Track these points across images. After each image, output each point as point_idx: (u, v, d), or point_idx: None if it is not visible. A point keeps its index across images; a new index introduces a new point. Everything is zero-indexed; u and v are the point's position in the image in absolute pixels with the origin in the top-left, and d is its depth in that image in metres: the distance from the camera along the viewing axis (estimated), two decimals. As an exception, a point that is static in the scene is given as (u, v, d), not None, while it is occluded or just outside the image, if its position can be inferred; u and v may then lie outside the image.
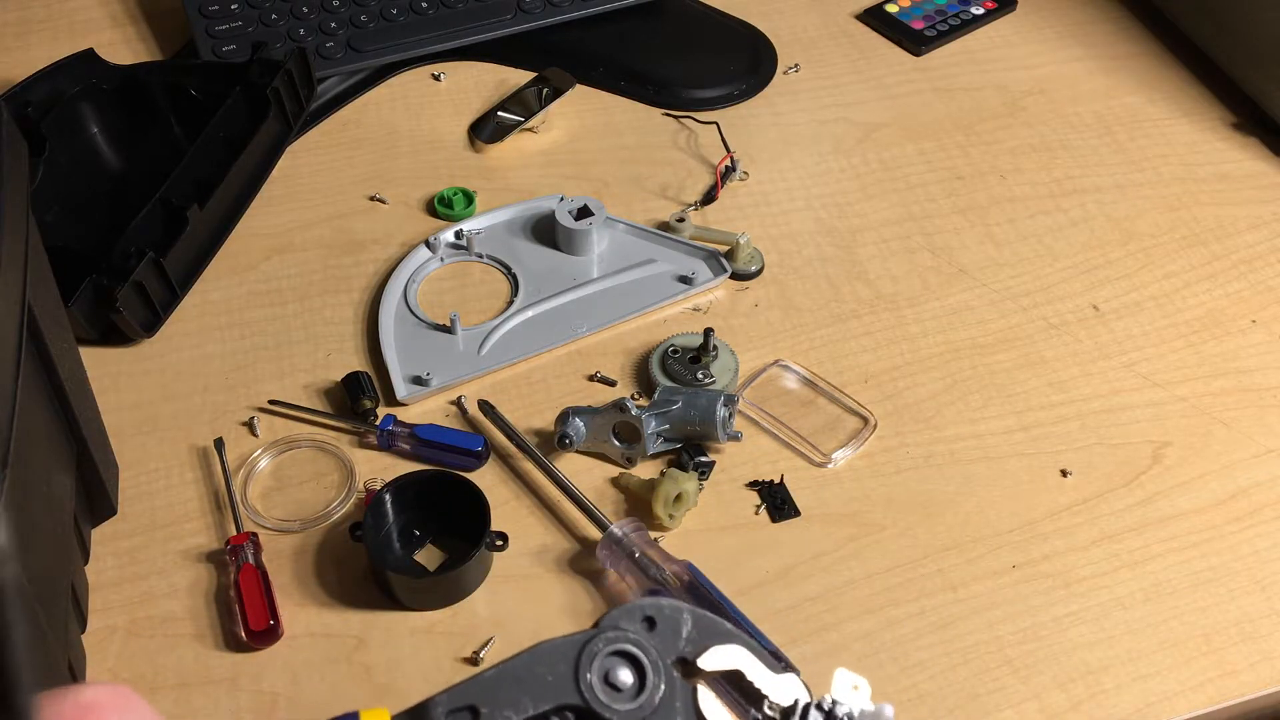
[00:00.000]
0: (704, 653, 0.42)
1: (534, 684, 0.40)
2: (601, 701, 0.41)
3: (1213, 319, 0.83)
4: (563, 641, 0.40)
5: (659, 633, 0.42)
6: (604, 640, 0.41)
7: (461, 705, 0.39)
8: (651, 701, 0.41)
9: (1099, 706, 0.63)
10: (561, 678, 0.40)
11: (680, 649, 0.42)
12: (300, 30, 0.99)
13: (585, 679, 0.40)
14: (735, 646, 0.43)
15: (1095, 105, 0.99)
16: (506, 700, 0.39)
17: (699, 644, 0.42)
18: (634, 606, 0.42)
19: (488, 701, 0.39)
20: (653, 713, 0.41)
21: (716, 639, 0.43)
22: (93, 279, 0.76)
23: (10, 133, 0.56)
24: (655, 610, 0.42)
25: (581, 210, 0.85)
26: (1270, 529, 0.71)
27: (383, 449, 0.74)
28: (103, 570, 0.68)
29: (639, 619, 0.42)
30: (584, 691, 0.40)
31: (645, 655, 0.41)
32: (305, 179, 0.92)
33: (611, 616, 0.42)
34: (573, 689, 0.40)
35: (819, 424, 0.76)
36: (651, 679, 0.41)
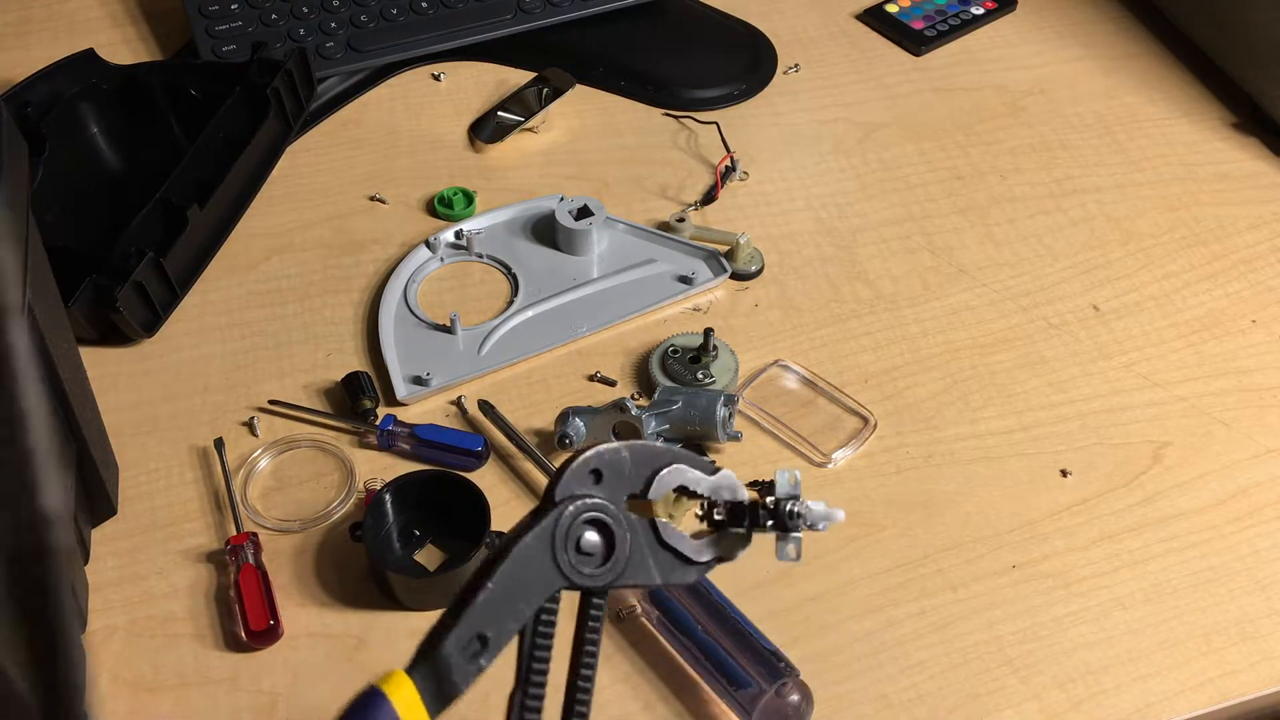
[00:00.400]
0: (650, 483, 0.43)
1: (524, 587, 0.40)
2: (582, 574, 0.41)
3: (1213, 319, 0.83)
4: (533, 536, 0.40)
5: (607, 481, 0.43)
6: (568, 517, 0.41)
7: (469, 637, 0.39)
8: (624, 554, 0.42)
9: (1099, 706, 0.63)
10: (543, 569, 0.41)
11: (628, 487, 0.43)
12: (300, 30, 0.99)
13: (564, 559, 0.41)
14: (674, 466, 0.44)
15: (1095, 105, 0.99)
16: (507, 614, 0.40)
17: (642, 476, 0.43)
18: (579, 465, 0.42)
19: (491, 623, 0.39)
20: (627, 564, 0.42)
21: (656, 463, 0.44)
22: (93, 279, 0.76)
23: (10, 133, 0.56)
24: (599, 461, 0.43)
25: (581, 210, 0.85)
26: (1270, 529, 0.71)
27: (383, 449, 0.74)
28: (103, 570, 0.68)
29: (587, 476, 0.42)
30: (566, 573, 0.41)
31: (607, 515, 0.42)
32: (305, 179, 0.92)
33: (563, 486, 0.42)
34: (556, 574, 0.41)
35: (819, 424, 0.76)
36: (618, 535, 0.42)
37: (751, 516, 0.45)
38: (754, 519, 0.45)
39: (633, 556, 0.43)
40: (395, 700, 0.38)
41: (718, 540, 0.46)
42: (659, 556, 0.44)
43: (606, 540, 0.42)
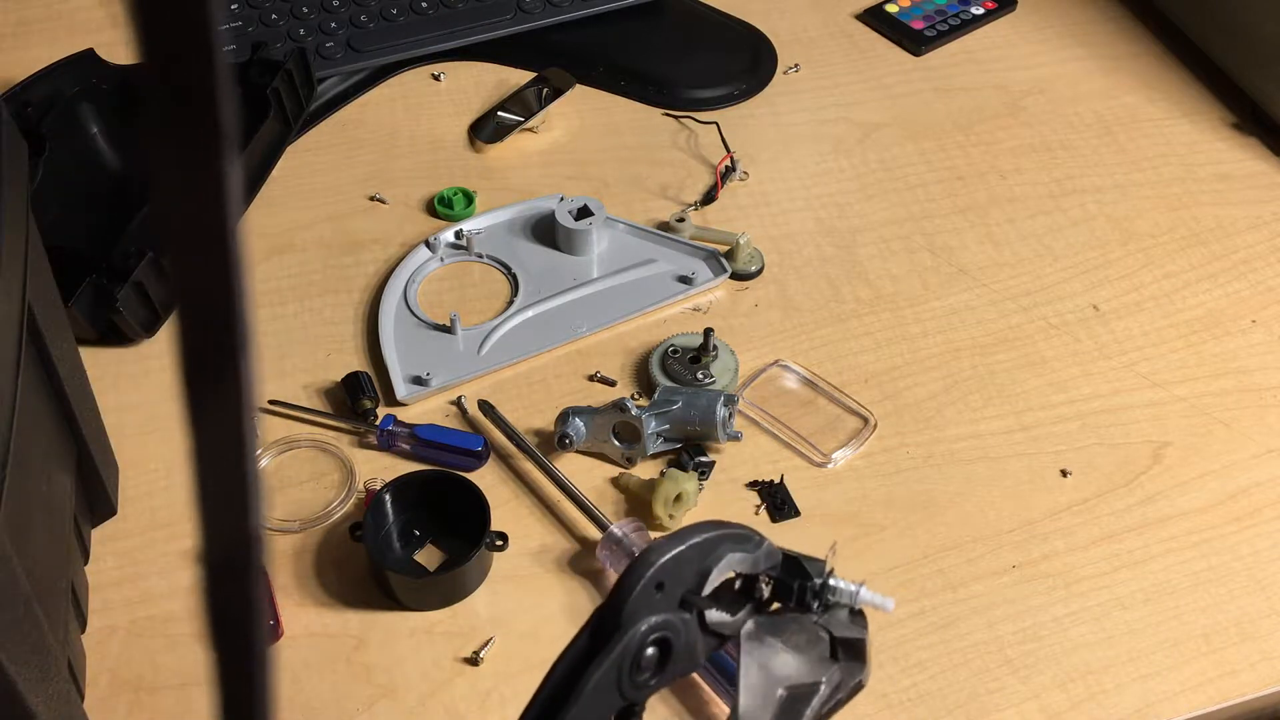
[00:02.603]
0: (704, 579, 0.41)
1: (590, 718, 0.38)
2: (637, 685, 0.39)
3: (1213, 319, 0.83)
4: (603, 670, 0.38)
5: (669, 586, 0.40)
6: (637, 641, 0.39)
7: None
8: (681, 654, 0.40)
9: (1099, 706, 0.63)
10: (609, 698, 0.38)
11: (686, 584, 0.40)
12: (300, 30, 0.99)
13: (625, 684, 0.39)
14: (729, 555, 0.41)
15: (1095, 105, 0.99)
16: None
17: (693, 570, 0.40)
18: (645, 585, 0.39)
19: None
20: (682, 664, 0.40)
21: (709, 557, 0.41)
22: (93, 279, 0.76)
23: (10, 133, 0.56)
24: (661, 572, 0.39)
25: (581, 210, 0.85)
26: (1270, 529, 0.71)
27: (383, 449, 0.74)
28: (103, 570, 0.68)
29: (651, 590, 0.39)
30: (626, 694, 0.39)
31: (670, 630, 0.39)
32: (305, 179, 0.92)
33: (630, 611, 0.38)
34: (617, 699, 0.39)
35: (819, 424, 0.76)
36: (676, 645, 0.40)
37: (800, 599, 0.43)
38: (801, 600, 0.43)
39: (684, 654, 0.40)
40: None
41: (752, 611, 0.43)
42: (705, 641, 0.41)
43: (664, 653, 0.40)
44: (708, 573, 0.40)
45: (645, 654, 0.39)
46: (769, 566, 0.42)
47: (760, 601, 0.42)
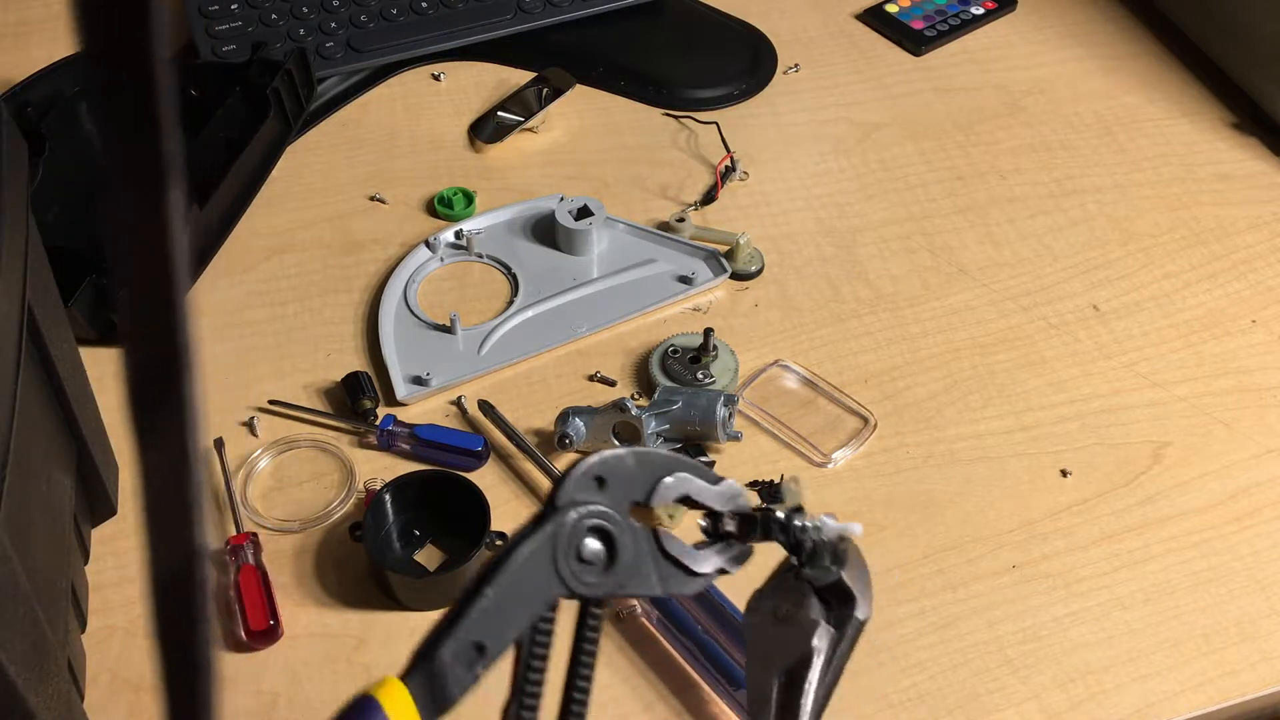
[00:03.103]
0: (654, 490, 0.42)
1: (523, 595, 0.39)
2: (583, 582, 0.40)
3: (1213, 319, 0.83)
4: (535, 543, 0.39)
5: (610, 487, 0.41)
6: (571, 524, 0.40)
7: (466, 645, 0.38)
8: (626, 563, 0.41)
9: (1099, 706, 0.63)
10: (543, 577, 0.39)
11: (631, 495, 0.42)
12: (300, 30, 0.99)
13: (564, 568, 0.40)
14: (679, 474, 0.43)
15: (1095, 105, 0.99)
16: (505, 622, 0.38)
17: (646, 483, 0.42)
18: (582, 472, 0.41)
19: (488, 631, 0.38)
20: (629, 573, 0.41)
21: (660, 471, 0.42)
22: (92, 279, 0.76)
23: (10, 132, 0.56)
24: (603, 467, 0.41)
25: (581, 210, 0.85)
26: (1270, 529, 0.71)
27: (383, 449, 0.74)
28: (103, 570, 0.68)
29: (590, 483, 0.41)
30: (567, 582, 0.40)
31: (610, 522, 0.41)
32: (305, 179, 0.92)
33: (565, 491, 0.40)
34: (556, 583, 0.40)
35: (819, 424, 0.76)
36: (621, 543, 0.41)
37: (764, 530, 0.44)
38: (766, 533, 0.44)
39: (635, 565, 0.42)
40: (388, 707, 0.37)
41: (721, 551, 0.44)
42: (661, 567, 0.43)
43: (609, 548, 0.41)
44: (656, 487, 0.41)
45: (586, 544, 0.40)
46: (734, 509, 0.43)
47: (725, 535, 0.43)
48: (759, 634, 0.44)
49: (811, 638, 0.43)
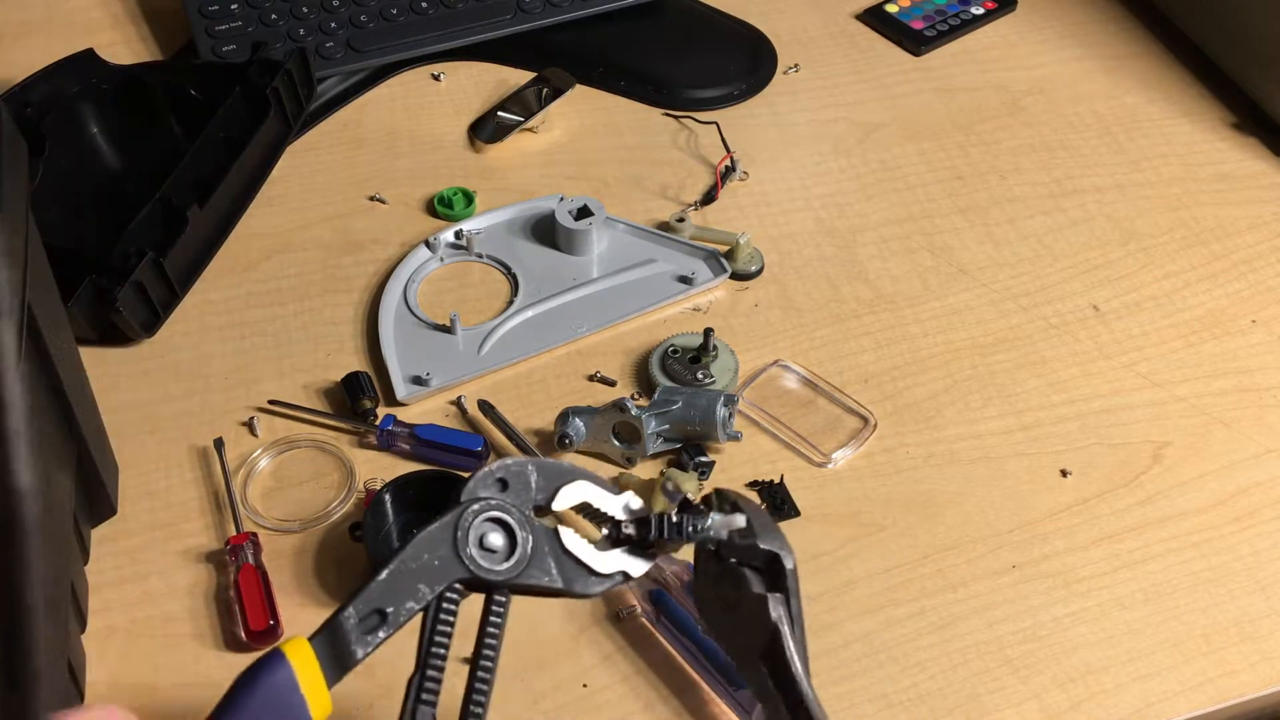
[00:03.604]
0: (555, 496, 0.47)
1: (424, 571, 0.43)
2: (483, 566, 0.44)
3: (1213, 319, 0.83)
4: (437, 527, 0.44)
5: (513, 490, 0.46)
6: (470, 514, 0.44)
7: (368, 611, 0.42)
8: (525, 554, 0.45)
9: (1099, 706, 0.63)
10: (445, 558, 0.43)
11: (534, 499, 0.46)
12: (300, 30, 0.99)
13: (465, 552, 0.44)
14: (579, 482, 0.47)
15: (1095, 105, 0.99)
16: (406, 593, 0.42)
17: (548, 489, 0.47)
18: (485, 473, 0.46)
19: (390, 600, 0.42)
20: (528, 563, 0.45)
21: (561, 479, 0.47)
22: (92, 279, 0.76)
23: (10, 133, 0.56)
24: (504, 471, 0.46)
25: (581, 210, 0.85)
26: (1270, 529, 0.71)
27: (383, 449, 0.74)
28: (103, 570, 0.68)
29: (493, 484, 0.46)
30: (467, 563, 0.44)
31: (509, 515, 0.45)
32: (305, 179, 0.92)
33: (469, 490, 0.45)
34: (458, 564, 0.44)
35: (819, 424, 0.76)
36: (520, 534, 0.45)
37: (659, 530, 0.47)
38: (661, 532, 0.47)
39: (534, 558, 0.45)
40: (294, 661, 0.40)
41: (625, 555, 0.47)
42: (562, 563, 0.46)
43: (509, 542, 0.45)
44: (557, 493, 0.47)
45: (488, 535, 0.45)
46: (633, 517, 0.47)
47: (626, 540, 0.47)
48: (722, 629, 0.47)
49: (768, 613, 0.45)
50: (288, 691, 0.40)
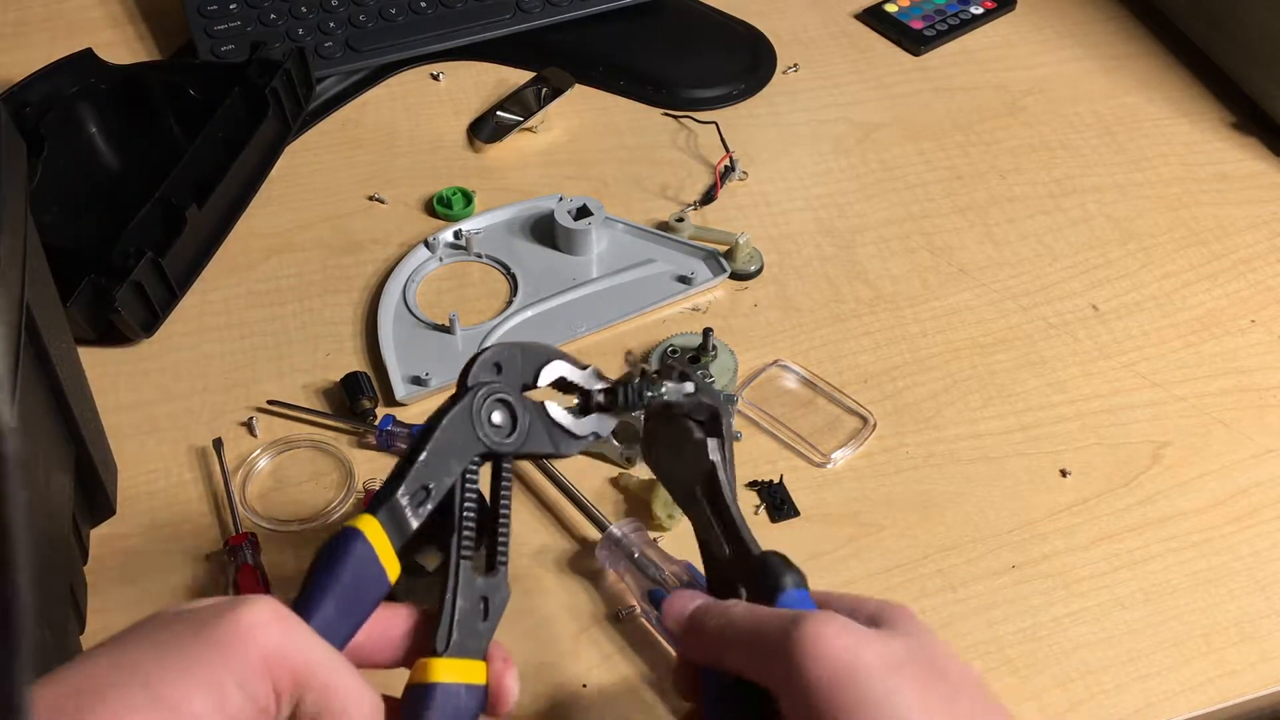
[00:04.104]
0: (538, 375, 0.54)
1: (453, 450, 0.50)
2: (495, 441, 0.51)
3: (1212, 319, 0.83)
4: (458, 411, 0.50)
5: (506, 372, 0.53)
6: (481, 397, 0.51)
7: (416, 488, 0.48)
8: (524, 427, 0.52)
9: (1099, 706, 0.63)
10: (467, 436, 0.50)
11: (522, 378, 0.54)
12: (299, 30, 0.99)
13: (481, 431, 0.51)
14: (555, 362, 0.54)
15: (1095, 105, 0.99)
16: (442, 470, 0.49)
17: (531, 370, 0.54)
18: (483, 360, 0.52)
19: (430, 477, 0.49)
20: (527, 435, 0.52)
21: (540, 360, 0.54)
22: (91, 279, 0.76)
23: (8, 132, 0.56)
24: (498, 356, 0.53)
25: (580, 210, 0.85)
26: (1270, 529, 0.71)
27: (382, 449, 0.74)
28: (102, 570, 0.68)
29: (490, 368, 0.53)
30: (483, 439, 0.51)
31: (509, 395, 0.52)
32: (304, 179, 0.92)
33: (474, 375, 0.52)
34: (476, 441, 0.50)
35: (818, 424, 0.76)
36: (519, 412, 0.52)
37: (625, 397, 0.55)
38: (627, 398, 0.55)
39: (531, 430, 0.53)
40: (369, 535, 0.46)
41: (593, 421, 0.55)
42: (552, 431, 0.54)
43: (510, 417, 0.52)
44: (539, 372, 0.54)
45: (493, 414, 0.51)
46: (600, 387, 0.55)
47: (596, 408, 0.55)
48: (666, 471, 0.55)
49: (707, 454, 0.54)
50: (370, 561, 0.46)
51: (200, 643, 0.39)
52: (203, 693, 0.38)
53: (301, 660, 0.40)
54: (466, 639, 0.47)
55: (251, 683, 0.39)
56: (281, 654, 0.40)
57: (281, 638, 0.40)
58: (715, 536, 0.52)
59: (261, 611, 0.40)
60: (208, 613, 0.40)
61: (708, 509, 0.52)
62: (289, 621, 0.41)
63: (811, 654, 0.42)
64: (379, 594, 0.46)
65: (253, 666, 0.39)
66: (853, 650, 0.42)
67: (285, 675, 0.40)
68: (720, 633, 0.46)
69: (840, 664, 0.42)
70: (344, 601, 0.44)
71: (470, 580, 0.49)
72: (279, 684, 0.40)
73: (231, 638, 0.39)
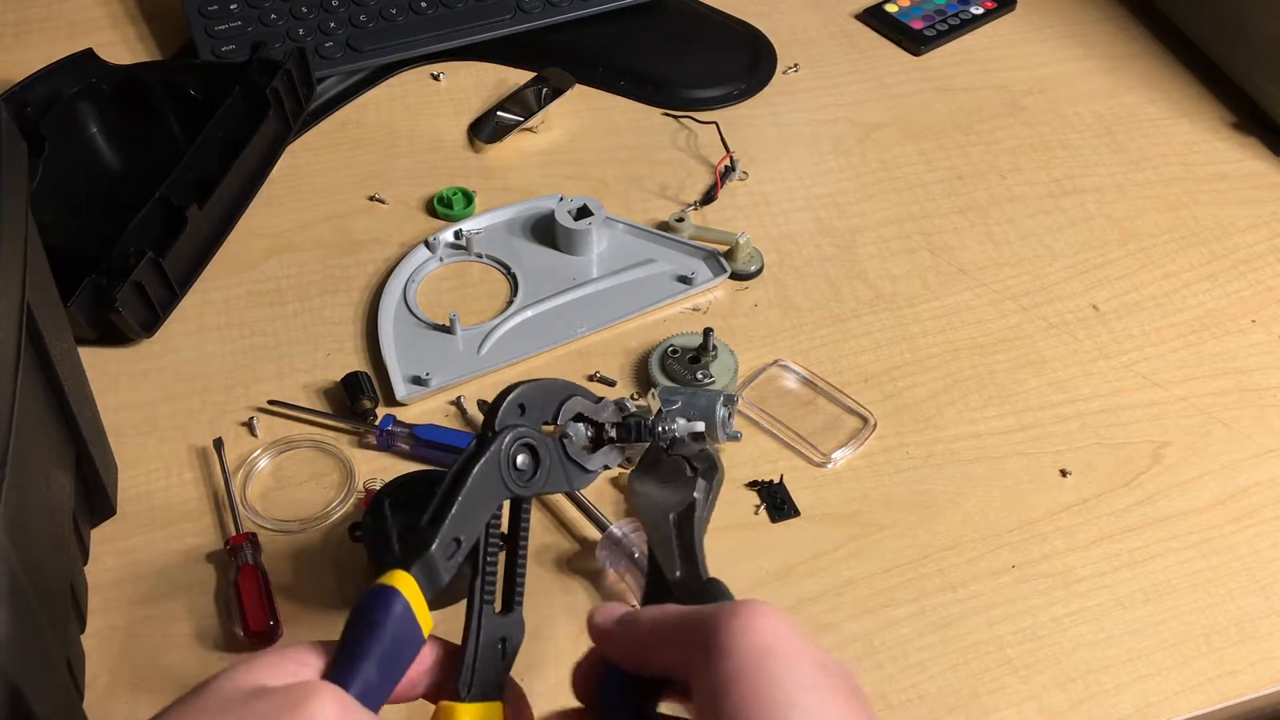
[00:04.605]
0: (558, 412, 0.55)
1: (482, 500, 0.50)
2: (520, 485, 0.52)
3: (1212, 319, 0.83)
4: (488, 461, 0.51)
5: (529, 413, 0.54)
6: (509, 443, 0.52)
7: (448, 540, 0.48)
8: (546, 469, 0.53)
9: (1099, 706, 0.63)
10: (494, 485, 0.51)
11: (543, 417, 0.54)
12: (299, 30, 0.99)
13: (507, 478, 0.51)
14: (574, 399, 0.56)
15: (1095, 105, 0.99)
16: (472, 521, 0.49)
17: (552, 407, 0.55)
18: (509, 402, 0.53)
19: (462, 529, 0.49)
20: (549, 475, 0.53)
21: (559, 396, 0.55)
22: (92, 279, 0.76)
23: (9, 132, 0.56)
24: (522, 397, 0.54)
25: (581, 210, 0.85)
26: (1270, 529, 0.71)
27: (382, 449, 0.74)
28: (102, 571, 0.68)
29: (515, 410, 0.53)
30: (510, 486, 0.51)
31: (534, 439, 0.53)
32: (305, 179, 0.92)
33: (501, 419, 0.52)
34: (503, 489, 0.51)
35: (818, 424, 0.76)
36: (542, 454, 0.53)
37: (637, 433, 0.57)
38: (639, 435, 0.57)
39: (551, 469, 0.53)
40: (405, 592, 0.46)
41: (606, 454, 0.57)
42: (568, 468, 0.55)
43: (533, 460, 0.53)
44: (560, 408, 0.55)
45: (518, 458, 0.52)
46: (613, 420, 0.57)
47: (609, 441, 0.57)
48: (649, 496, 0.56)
49: (693, 490, 0.55)
50: (408, 621, 0.46)
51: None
52: None
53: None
54: (486, 682, 0.49)
55: None
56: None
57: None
58: (670, 558, 0.53)
59: (329, 709, 0.41)
60: (277, 703, 0.41)
61: (674, 535, 0.53)
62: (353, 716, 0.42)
63: (747, 626, 0.43)
64: (415, 653, 0.47)
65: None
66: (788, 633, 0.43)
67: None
68: (653, 625, 0.47)
69: (773, 638, 0.42)
70: (384, 664, 0.45)
71: (491, 622, 0.50)
72: None
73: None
